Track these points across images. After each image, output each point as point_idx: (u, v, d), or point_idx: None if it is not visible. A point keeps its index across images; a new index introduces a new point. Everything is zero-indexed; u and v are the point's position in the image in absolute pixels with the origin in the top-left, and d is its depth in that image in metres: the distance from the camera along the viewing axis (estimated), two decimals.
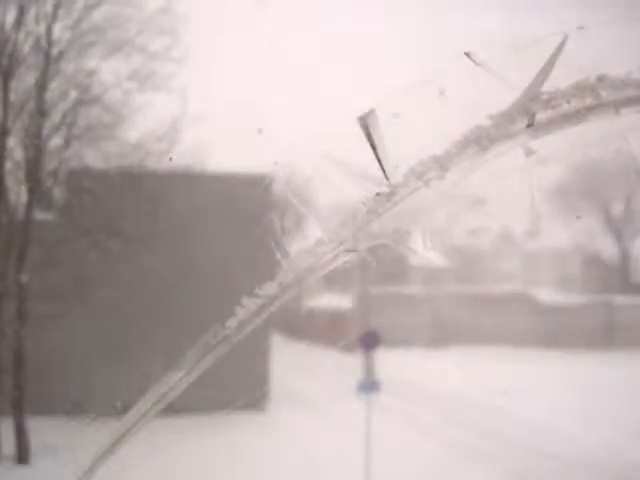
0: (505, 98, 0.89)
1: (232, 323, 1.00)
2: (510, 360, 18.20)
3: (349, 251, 0.96)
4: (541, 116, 0.91)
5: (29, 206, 11.45)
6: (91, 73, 12.13)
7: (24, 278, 11.06)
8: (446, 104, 0.89)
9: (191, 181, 13.78)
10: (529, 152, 0.93)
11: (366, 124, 0.91)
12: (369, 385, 10.49)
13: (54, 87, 11.83)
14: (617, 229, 24.90)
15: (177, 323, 13.29)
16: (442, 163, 0.90)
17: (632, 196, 23.88)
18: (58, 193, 12.95)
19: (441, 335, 20.40)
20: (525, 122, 0.91)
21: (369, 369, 10.74)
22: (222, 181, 14.65)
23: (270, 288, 0.97)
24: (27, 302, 11.07)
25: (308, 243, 1.00)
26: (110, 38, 12.07)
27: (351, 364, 12.92)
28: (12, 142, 11.83)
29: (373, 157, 0.94)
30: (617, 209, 24.20)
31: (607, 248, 24.74)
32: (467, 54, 0.89)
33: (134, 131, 12.73)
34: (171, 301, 13.28)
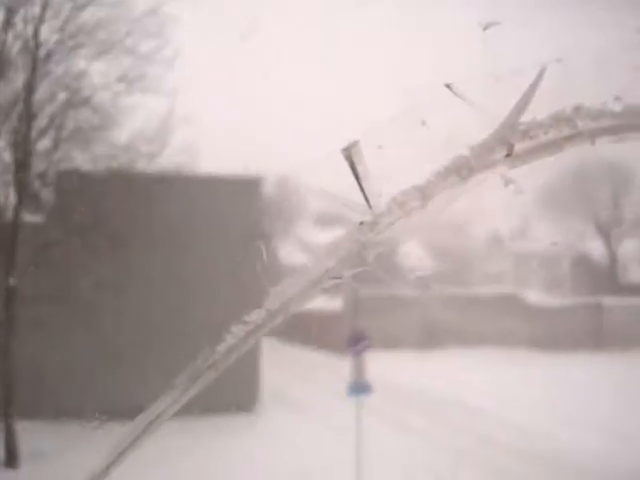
0: (485, 128, 0.91)
1: (221, 348, 1.01)
2: (499, 361, 18.26)
3: (334, 278, 0.98)
4: (519, 146, 0.93)
5: (18, 208, 11.42)
6: (80, 75, 12.11)
7: (12, 281, 11.03)
8: (428, 134, 0.91)
9: (181, 183, 13.75)
10: (508, 181, 0.95)
11: (350, 155, 0.94)
12: (359, 387, 10.52)
13: (43, 89, 11.81)
14: (605, 231, 25.09)
15: (168, 325, 13.29)
16: (423, 193, 0.92)
17: (619, 198, 24.09)
18: (47, 195, 12.90)
19: (431, 337, 20.47)
20: (504, 152, 0.93)
21: (359, 371, 10.75)
22: (212, 183, 14.66)
23: (258, 315, 0.99)
24: (15, 305, 11.04)
25: (293, 275, 1.02)
26: (99, 40, 12.05)
27: (341, 366, 12.95)
28: (0, 144, 11.82)
29: (356, 186, 0.97)
30: (605, 211, 24.39)
31: (596, 250, 24.91)
32: (448, 86, 0.91)
33: (123, 133, 12.71)
34: (161, 303, 13.26)
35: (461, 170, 0.92)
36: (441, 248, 23.17)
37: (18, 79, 11.59)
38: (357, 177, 0.95)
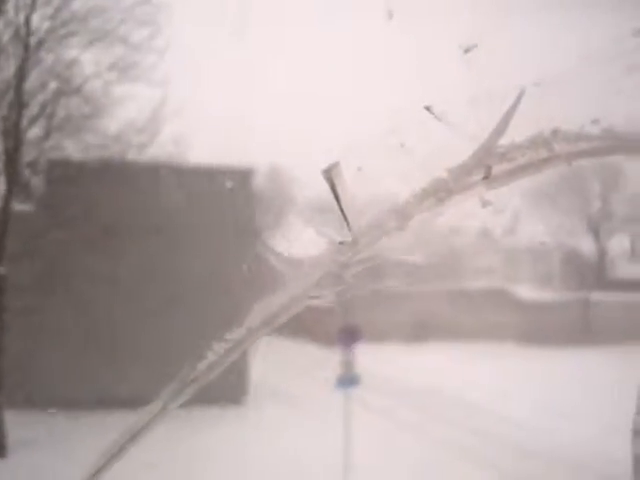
0: (464, 150, 0.92)
1: (202, 366, 1.02)
2: (488, 355, 18.37)
3: (313, 297, 1.00)
4: (497, 168, 0.95)
5: (8, 197, 11.36)
6: (71, 63, 12.03)
7: (2, 269, 10.99)
8: (407, 156, 0.92)
9: (172, 173, 13.72)
10: (485, 203, 0.97)
11: (330, 176, 0.95)
12: (348, 380, 10.56)
13: (34, 77, 11.73)
14: (595, 227, 25.18)
15: (158, 316, 13.29)
16: (401, 214, 0.94)
17: (608, 194, 24.17)
18: (37, 184, 12.84)
19: (420, 330, 20.52)
20: (482, 174, 0.94)
21: (349, 364, 10.79)
22: (203, 174, 14.61)
23: (238, 333, 1.00)
24: (5, 294, 11.00)
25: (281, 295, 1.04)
26: (91, 28, 11.98)
27: (331, 359, 12.99)
28: None
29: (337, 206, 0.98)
30: (595, 207, 24.47)
31: (585, 246, 25.00)
32: (427, 108, 0.92)
33: (114, 122, 12.66)
34: (152, 293, 13.25)
35: (439, 192, 0.94)
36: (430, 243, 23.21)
37: (9, 67, 11.50)
38: (337, 198, 0.96)
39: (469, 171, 0.93)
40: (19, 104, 11.38)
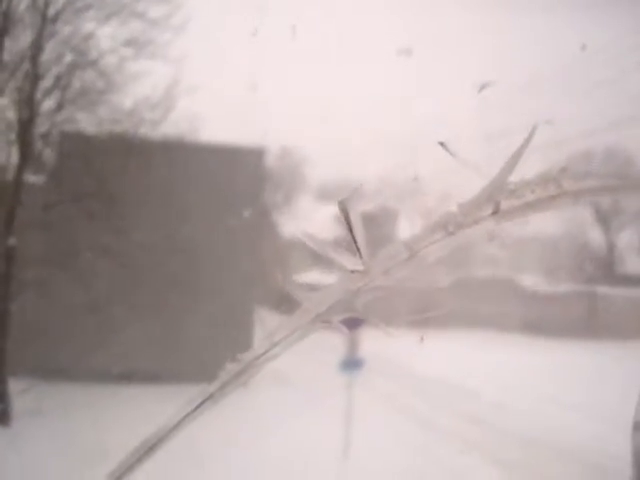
0: (476, 186, 0.94)
1: (213, 387, 1.06)
2: (491, 344, 18.43)
3: (324, 322, 1.04)
4: (506, 204, 0.97)
5: (20, 168, 11.43)
6: (88, 37, 12.01)
7: (12, 240, 11.08)
8: (420, 190, 0.94)
9: (184, 150, 13.76)
10: (492, 237, 0.99)
11: (344, 207, 0.99)
12: (352, 363, 10.65)
13: (50, 49, 11.73)
14: (605, 220, 25.10)
15: (163, 292, 13.40)
16: (410, 246, 0.97)
17: None
18: (49, 156, 12.90)
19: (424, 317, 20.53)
20: (490, 210, 0.97)
21: (352, 347, 10.87)
22: (215, 152, 14.64)
23: (249, 355, 1.04)
24: (14, 265, 11.11)
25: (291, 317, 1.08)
26: (108, 2, 11.96)
27: (335, 341, 13.05)
28: (5, 102, 11.78)
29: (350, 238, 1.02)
30: (606, 200, 24.35)
31: (594, 239, 24.94)
32: (441, 144, 0.94)
33: (128, 98, 12.66)
34: (158, 270, 13.34)
35: (449, 225, 0.97)
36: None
37: (25, 37, 11.51)
38: (350, 227, 1.00)
39: (479, 206, 0.96)
40: (34, 75, 11.41)
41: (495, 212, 0.95)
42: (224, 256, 14.12)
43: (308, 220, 21.33)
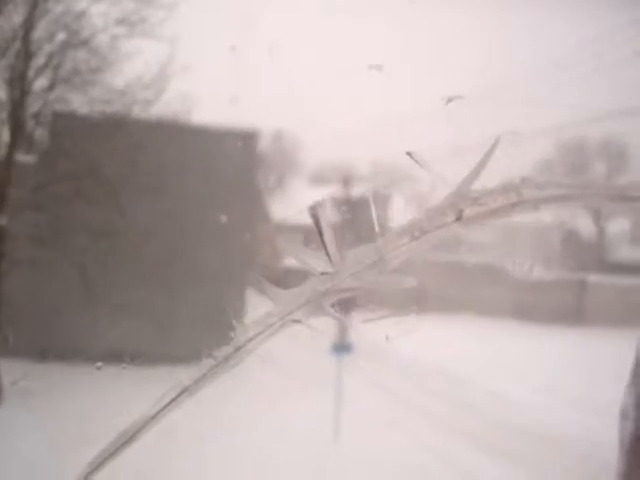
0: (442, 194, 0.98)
1: (188, 380, 1.11)
2: (480, 330, 18.52)
3: (295, 321, 1.11)
4: (469, 211, 1.01)
5: (11, 147, 11.38)
6: (80, 15, 11.92)
7: (3, 220, 11.06)
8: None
9: (176, 131, 13.72)
10: (460, 242, 1.03)
11: (315, 212, 1.04)
12: (342, 347, 10.77)
13: (42, 27, 11.64)
14: (596, 209, 25.21)
15: (155, 273, 13.41)
16: (378, 250, 1.01)
17: (612, 176, 24.12)
18: (41, 136, 12.84)
19: (414, 302, 20.64)
20: (454, 216, 1.00)
21: (343, 331, 10.97)
22: (208, 133, 14.59)
23: (225, 351, 1.10)
24: (5, 244, 11.10)
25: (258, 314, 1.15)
26: None
27: (325, 325, 13.10)
28: None
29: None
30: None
31: (585, 227, 25.03)
32: (409, 154, 0.98)
33: (121, 77, 12.59)
34: (150, 250, 13.35)
35: (414, 231, 1.01)
36: None
37: (17, 16, 11.42)
38: (320, 232, 1.05)
39: (443, 213, 1.00)
40: (26, 53, 11.33)
41: (458, 218, 0.99)
42: (216, 238, 14.13)
43: (301, 204, 21.26)
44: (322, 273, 1.08)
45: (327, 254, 1.06)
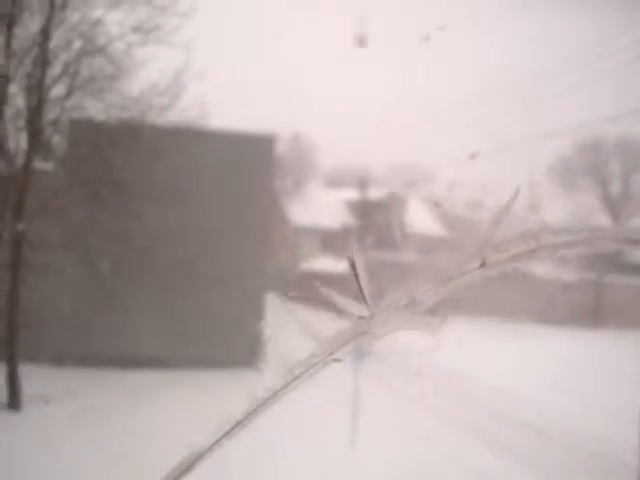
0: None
1: (242, 415, 1.18)
2: (501, 333, 18.46)
3: (335, 360, 1.14)
4: (492, 257, 1.04)
5: (29, 154, 11.50)
6: (96, 23, 12.02)
7: (21, 226, 11.17)
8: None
9: (192, 137, 13.78)
10: (479, 283, 1.05)
11: (351, 258, 1.09)
12: (360, 351, 10.75)
13: (58, 35, 11.76)
14: (614, 208, 25.02)
15: (171, 277, 13.49)
16: (411, 296, 1.05)
17: (630, 175, 23.95)
18: (58, 143, 12.96)
19: (435, 305, 20.53)
20: (478, 263, 1.02)
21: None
22: (224, 138, 14.67)
23: (267, 392, 1.16)
24: (23, 250, 11.21)
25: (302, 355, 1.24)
26: None
27: (343, 327, 13.10)
28: (14, 89, 11.83)
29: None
30: (616, 187, 24.33)
31: (603, 226, 24.86)
32: (436, 204, 0.99)
33: (136, 84, 12.69)
34: (165, 255, 13.44)
35: (442, 276, 1.04)
36: (451, 216, 23.27)
37: (34, 24, 11.53)
38: (357, 277, 1.11)
39: (468, 260, 1.02)
40: (43, 62, 11.44)
41: (483, 265, 1.01)
42: (234, 242, 14.19)
43: (318, 206, 21.36)
44: (360, 317, 1.15)
45: (363, 298, 1.12)
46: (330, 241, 20.47)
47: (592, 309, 21.53)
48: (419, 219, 20.83)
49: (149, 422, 10.30)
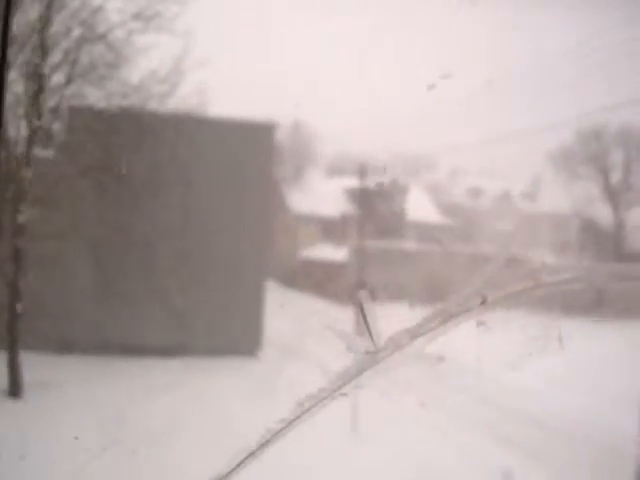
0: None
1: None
2: (498, 321, 18.51)
3: (342, 395, 1.19)
4: (492, 295, 1.04)
5: (29, 142, 11.45)
6: (96, 10, 11.95)
7: (21, 215, 11.16)
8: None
9: (192, 125, 13.75)
10: (479, 323, 1.05)
11: (360, 300, 1.11)
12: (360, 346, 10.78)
13: (58, 22, 11.69)
14: (614, 197, 24.97)
15: (172, 265, 13.50)
16: (412, 333, 1.07)
17: (630, 165, 23.87)
18: (58, 131, 12.92)
19: (435, 293, 20.63)
20: (479, 301, 1.02)
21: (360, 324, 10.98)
22: (224, 126, 14.63)
23: (283, 423, 1.19)
24: (24, 239, 11.21)
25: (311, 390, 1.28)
26: None
27: (342, 315, 13.13)
28: (13, 76, 11.76)
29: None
30: (616, 177, 24.27)
31: (603, 216, 24.83)
32: (438, 241, 0.99)
33: (136, 72, 12.63)
34: (167, 244, 13.43)
35: (444, 315, 1.04)
36: (450, 204, 23.29)
37: (33, 11, 11.45)
38: (364, 317, 1.13)
39: (468, 299, 1.02)
40: (43, 49, 11.37)
41: (483, 303, 1.01)
42: (233, 230, 14.19)
43: (318, 194, 21.36)
44: (367, 352, 1.18)
45: (370, 335, 1.15)
46: (330, 229, 20.49)
47: (593, 298, 21.53)
48: (420, 207, 20.83)
49: (148, 408, 10.36)
